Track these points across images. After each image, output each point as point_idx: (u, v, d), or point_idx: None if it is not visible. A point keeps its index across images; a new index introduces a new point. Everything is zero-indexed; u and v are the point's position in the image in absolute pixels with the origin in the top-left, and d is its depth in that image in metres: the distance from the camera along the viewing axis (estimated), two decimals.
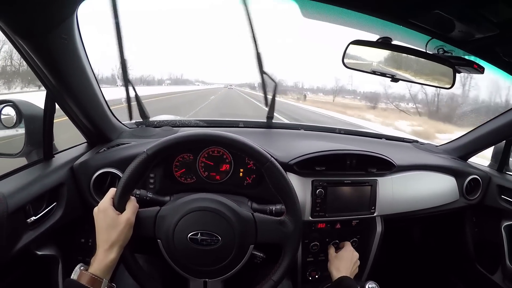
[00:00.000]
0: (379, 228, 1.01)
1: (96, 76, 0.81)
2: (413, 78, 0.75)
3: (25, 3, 0.53)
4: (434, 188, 1.11)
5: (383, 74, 0.76)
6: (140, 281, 0.61)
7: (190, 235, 0.59)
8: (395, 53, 0.72)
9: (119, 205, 0.58)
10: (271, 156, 0.62)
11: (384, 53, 0.73)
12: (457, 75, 0.74)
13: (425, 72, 0.75)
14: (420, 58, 0.72)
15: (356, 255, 0.90)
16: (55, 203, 0.77)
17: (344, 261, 0.88)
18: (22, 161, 0.82)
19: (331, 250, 0.94)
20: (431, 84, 0.76)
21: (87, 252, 0.92)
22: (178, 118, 1.24)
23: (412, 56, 0.72)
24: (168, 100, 13.75)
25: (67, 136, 0.93)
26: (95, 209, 0.59)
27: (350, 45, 0.69)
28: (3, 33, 0.65)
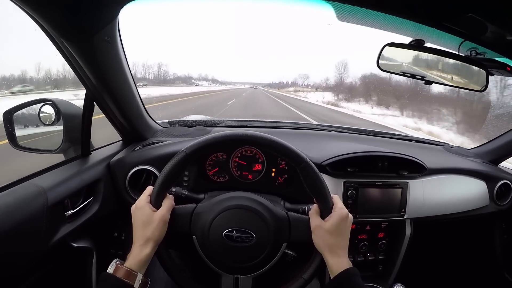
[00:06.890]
0: (408, 231, 1.00)
1: (133, 76, 0.83)
2: (445, 81, 0.74)
3: (73, 7, 0.56)
4: (464, 192, 1.10)
5: (413, 76, 0.76)
6: (173, 276, 0.62)
7: (226, 232, 0.60)
8: (427, 55, 0.72)
9: (156, 203, 0.59)
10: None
11: (416, 55, 0.73)
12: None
13: (458, 75, 0.74)
14: (453, 60, 0.72)
15: (350, 218, 0.61)
16: (91, 198, 0.80)
17: (341, 237, 0.59)
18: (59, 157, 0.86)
19: (314, 211, 0.62)
20: (464, 86, 0.75)
21: (119, 245, 0.95)
22: (210, 118, 1.27)
23: (444, 58, 0.72)
24: None
25: None
26: (133, 207, 0.60)
27: (384, 47, 0.69)
28: (47, 35, 0.68)
